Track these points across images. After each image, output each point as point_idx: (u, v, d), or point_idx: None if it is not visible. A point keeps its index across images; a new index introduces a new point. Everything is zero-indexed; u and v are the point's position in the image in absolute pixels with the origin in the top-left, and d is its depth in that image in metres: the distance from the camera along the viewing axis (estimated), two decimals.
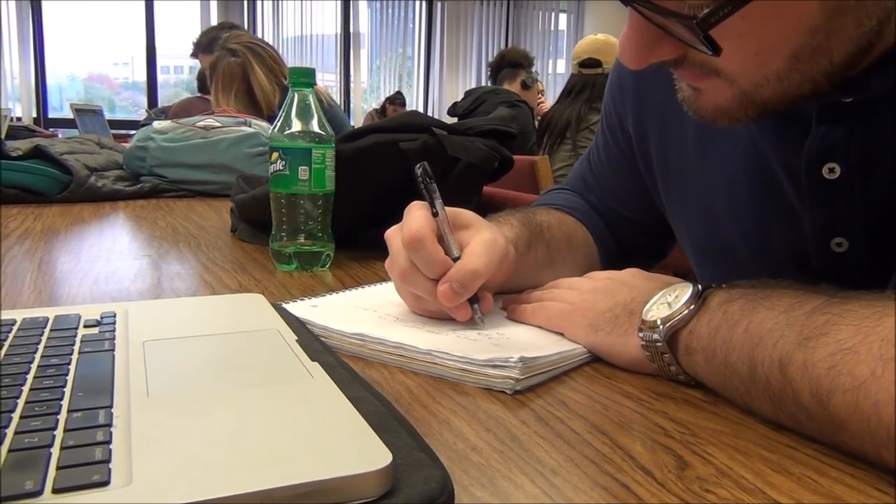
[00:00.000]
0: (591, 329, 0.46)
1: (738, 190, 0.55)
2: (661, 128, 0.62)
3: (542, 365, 0.43)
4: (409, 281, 0.51)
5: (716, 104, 0.43)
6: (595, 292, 0.49)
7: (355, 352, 0.46)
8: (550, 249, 0.62)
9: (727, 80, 0.41)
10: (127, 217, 1.10)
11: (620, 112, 0.68)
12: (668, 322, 0.41)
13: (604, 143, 0.72)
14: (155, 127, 1.44)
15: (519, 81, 2.96)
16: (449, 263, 0.49)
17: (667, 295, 0.43)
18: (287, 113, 0.70)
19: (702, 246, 0.61)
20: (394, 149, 0.78)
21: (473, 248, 0.50)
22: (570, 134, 2.42)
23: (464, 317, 0.50)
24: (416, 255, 0.49)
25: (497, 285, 0.54)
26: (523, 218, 0.62)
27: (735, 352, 0.38)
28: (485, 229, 0.52)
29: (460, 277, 0.48)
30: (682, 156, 0.60)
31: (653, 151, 0.64)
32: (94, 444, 0.28)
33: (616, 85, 0.68)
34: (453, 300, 0.49)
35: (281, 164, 0.69)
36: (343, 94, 6.43)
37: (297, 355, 0.40)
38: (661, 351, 0.42)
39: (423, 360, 0.44)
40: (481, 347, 0.45)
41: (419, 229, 0.49)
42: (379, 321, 0.51)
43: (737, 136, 0.54)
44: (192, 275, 0.70)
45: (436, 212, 0.51)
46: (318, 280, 0.68)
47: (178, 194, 1.39)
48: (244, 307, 0.53)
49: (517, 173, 1.79)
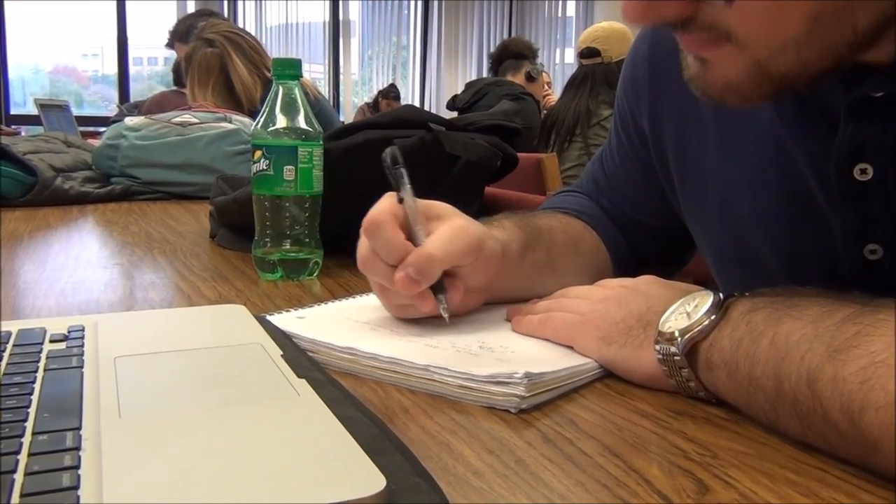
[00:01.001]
0: (603, 342, 0.47)
1: (761, 192, 0.55)
2: (679, 125, 0.62)
3: (549, 381, 0.43)
4: (369, 269, 0.52)
5: (725, 78, 0.41)
6: (607, 302, 0.49)
7: (346, 367, 0.46)
8: (552, 254, 0.62)
9: (739, 45, 0.39)
10: (96, 222, 1.11)
11: (634, 109, 0.68)
12: (686, 334, 0.41)
13: (617, 142, 0.72)
14: (127, 123, 1.44)
15: (523, 73, 2.97)
16: (409, 249, 0.50)
17: (685, 304, 0.43)
18: (271, 108, 0.70)
19: (723, 252, 0.62)
20: (387, 146, 0.78)
21: (436, 234, 0.51)
22: (580, 131, 2.43)
23: (427, 308, 0.51)
24: (374, 240, 0.50)
25: (479, 284, 0.54)
26: (520, 220, 0.62)
27: (759, 366, 0.38)
28: (457, 217, 0.53)
29: (415, 262, 0.49)
30: (700, 155, 0.60)
31: (669, 151, 0.64)
32: (61, 469, 0.29)
33: (629, 80, 0.69)
34: (410, 287, 0.49)
35: (264, 163, 0.69)
36: (332, 87, 6.45)
37: (282, 371, 0.40)
38: (679, 365, 0.42)
39: (419, 376, 0.44)
40: (483, 362, 0.45)
41: (378, 214, 0.50)
42: (372, 334, 0.51)
43: (760, 134, 0.54)
44: (167, 284, 0.70)
45: (401, 197, 0.52)
46: (304, 290, 0.68)
47: (152, 197, 1.39)
48: (224, 320, 0.53)
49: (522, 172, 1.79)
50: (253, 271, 0.73)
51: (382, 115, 0.86)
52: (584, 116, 2.44)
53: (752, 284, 0.45)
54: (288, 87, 0.71)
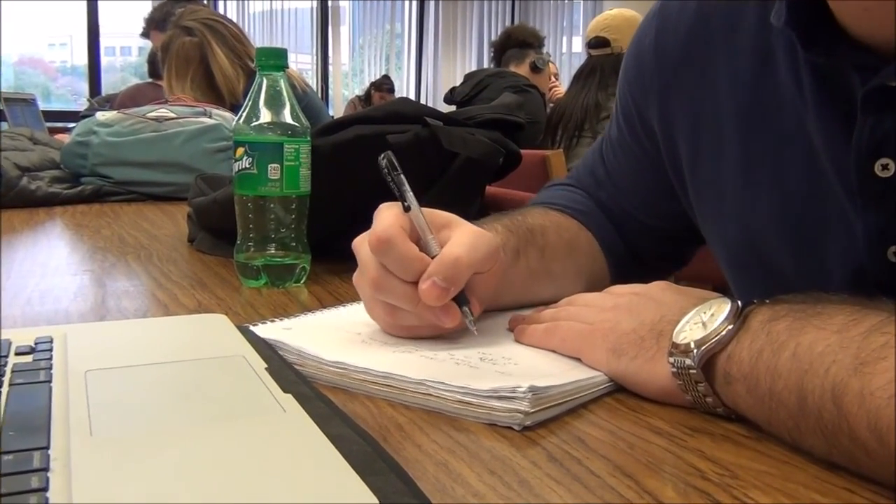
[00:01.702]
0: (613, 353, 0.47)
1: (784, 191, 0.56)
2: (692, 119, 0.63)
3: (555, 395, 0.43)
4: (383, 289, 0.51)
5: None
6: (617, 310, 0.49)
7: (336, 382, 0.47)
8: (545, 257, 0.63)
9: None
10: (65, 225, 1.11)
11: (640, 102, 0.68)
12: (703, 345, 0.42)
13: (618, 134, 0.73)
14: (98, 119, 1.45)
15: (528, 63, 2.98)
16: (427, 261, 0.50)
17: (701, 313, 0.43)
18: (254, 101, 0.71)
19: (740, 256, 0.62)
20: (380, 143, 0.78)
21: (455, 238, 0.51)
22: (589, 126, 2.44)
23: (453, 322, 0.50)
24: (387, 258, 0.50)
25: (486, 294, 0.54)
26: (510, 222, 0.63)
27: (781, 380, 0.38)
28: (468, 224, 0.53)
29: (443, 269, 0.49)
30: (717, 151, 0.61)
31: (681, 146, 0.64)
32: (28, 491, 0.29)
33: (634, 72, 0.69)
34: (439, 297, 0.49)
35: (247, 161, 0.69)
36: (320, 78, 6.46)
37: (266, 386, 0.40)
38: (695, 379, 0.42)
39: (415, 391, 0.44)
40: (484, 375, 0.45)
41: (387, 229, 0.50)
42: (363, 346, 0.51)
43: (786, 128, 0.54)
44: (142, 292, 0.70)
45: (407, 206, 0.52)
46: (291, 298, 0.69)
47: (125, 198, 1.39)
48: (204, 330, 0.53)
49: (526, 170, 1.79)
50: (235, 278, 0.73)
51: (375, 109, 0.86)
52: (592, 110, 2.44)
53: (770, 289, 0.45)
54: (273, 78, 0.71)
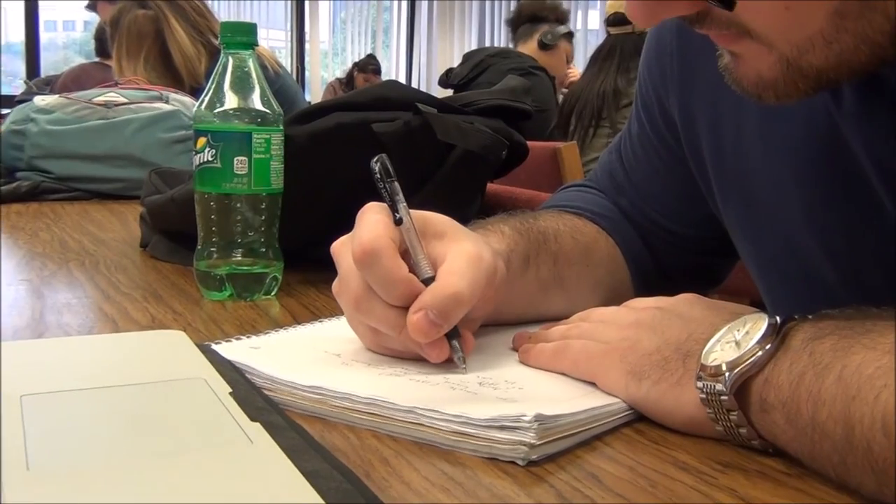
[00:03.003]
0: (633, 377, 0.47)
1: (814, 190, 0.56)
2: (714, 111, 0.63)
3: (565, 425, 0.43)
4: (364, 310, 0.51)
5: (758, 73, 0.45)
6: (638, 327, 0.50)
7: (312, 409, 0.47)
8: (559, 266, 0.63)
9: (763, 42, 0.44)
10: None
11: (660, 90, 0.69)
12: (736, 367, 0.42)
13: (638, 129, 0.73)
14: (37, 104, 1.45)
15: (535, 40, 2.98)
16: (415, 284, 0.50)
17: (734, 330, 0.44)
18: (218, 84, 0.71)
19: (773, 265, 0.62)
20: (364, 133, 0.79)
21: (453, 264, 0.51)
22: (607, 114, 2.45)
23: (439, 356, 0.51)
24: (370, 274, 0.50)
25: (481, 316, 0.55)
26: (520, 224, 0.63)
27: (825, 407, 0.38)
28: (465, 240, 0.53)
29: (439, 304, 0.49)
30: (740, 147, 0.61)
31: (704, 141, 0.65)
32: None
33: (653, 55, 0.69)
34: (430, 334, 0.49)
35: (210, 153, 0.69)
36: (295, 58, 6.47)
37: (231, 414, 0.40)
38: (726, 407, 0.42)
39: (404, 419, 0.44)
40: (484, 402, 0.46)
41: (374, 239, 0.50)
42: (344, 368, 0.51)
43: (813, 120, 0.55)
44: (86, 306, 0.70)
45: (399, 218, 0.52)
46: (260, 312, 0.69)
47: (67, 196, 1.39)
48: (159, 349, 0.53)
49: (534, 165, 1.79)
50: (195, 289, 0.74)
51: (359, 94, 0.86)
52: (611, 97, 2.45)
53: (808, 303, 0.45)
54: (240, 58, 0.72)
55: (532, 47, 2.99)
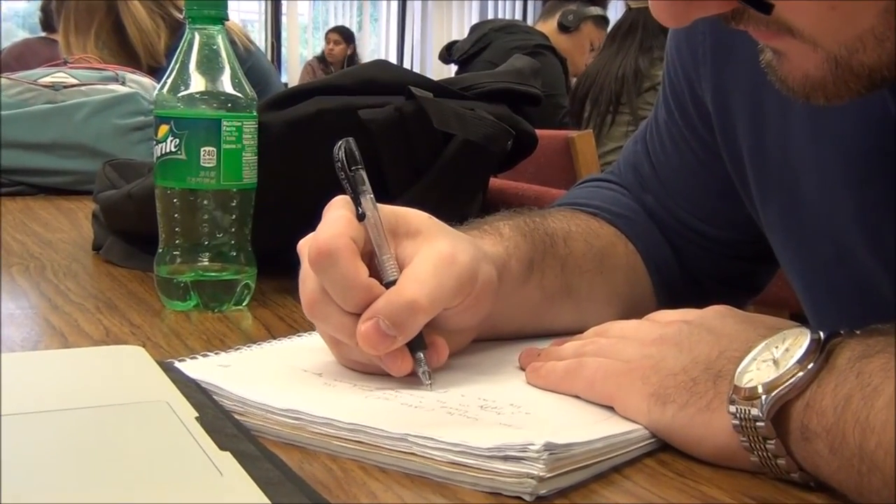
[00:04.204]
0: (657, 400, 0.47)
1: (870, 193, 0.56)
2: (754, 97, 0.63)
3: (578, 456, 0.43)
4: (318, 314, 0.52)
5: (805, 72, 0.46)
6: (662, 344, 0.50)
7: (289, 437, 0.47)
8: (567, 273, 0.63)
9: (807, 41, 0.44)
10: None
11: (691, 73, 0.69)
12: (774, 389, 0.42)
13: (666, 117, 0.73)
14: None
15: (556, 19, 2.98)
16: (375, 289, 0.51)
17: (772, 347, 0.44)
18: (182, 64, 0.71)
19: (819, 275, 0.63)
20: (349, 120, 0.79)
21: (416, 267, 0.52)
22: (627, 99, 2.45)
23: (400, 371, 0.51)
24: (325, 278, 0.51)
25: (468, 328, 0.55)
26: (525, 224, 0.63)
27: (875, 435, 0.38)
28: (441, 239, 0.53)
29: (391, 312, 0.50)
30: (785, 138, 0.61)
31: (741, 132, 0.65)
32: None
33: (683, 31, 0.69)
34: (381, 345, 0.50)
35: (173, 143, 0.69)
36: (270, 32, 6.47)
37: (197, 441, 0.40)
38: (763, 435, 0.42)
39: (393, 448, 0.44)
40: (485, 428, 0.46)
41: (330, 239, 0.50)
42: (325, 389, 0.51)
43: (868, 114, 0.55)
44: (31, 317, 0.70)
45: (361, 213, 0.52)
46: (230, 325, 0.69)
47: (9, 191, 1.39)
48: (115, 367, 0.53)
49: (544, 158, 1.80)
50: (155, 299, 0.74)
51: (343, 75, 0.86)
52: (631, 79, 2.46)
53: (858, 318, 0.45)
54: (207, 34, 0.72)
55: (552, 27, 2.99)
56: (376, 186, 0.54)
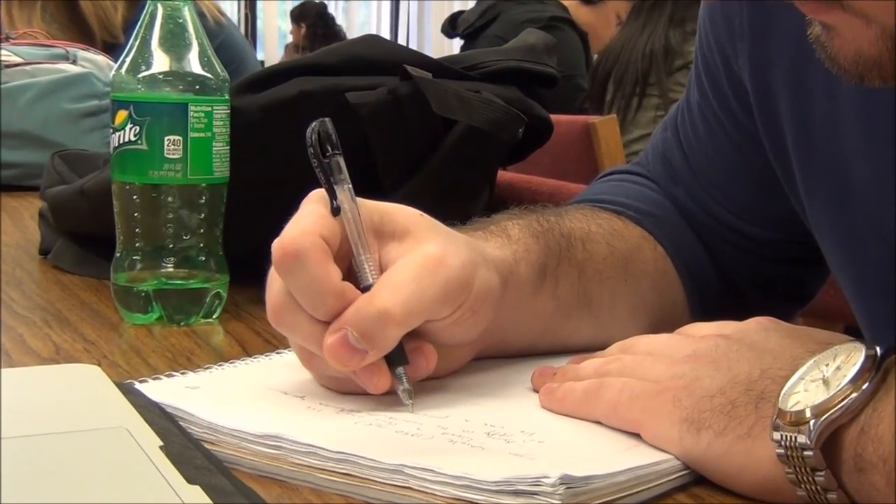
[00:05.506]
0: (690, 426, 0.47)
1: None
2: (798, 75, 0.63)
3: (601, 490, 0.43)
4: (284, 323, 0.53)
5: (857, 49, 0.45)
6: (696, 361, 0.50)
7: (267, 468, 0.47)
8: (586, 280, 0.63)
9: (859, 15, 0.44)
10: None
11: (727, 47, 0.69)
12: (823, 414, 0.42)
13: (700, 98, 0.73)
14: None
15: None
16: (349, 295, 0.51)
17: (822, 365, 0.44)
18: (143, 40, 0.71)
19: (874, 280, 0.63)
20: (335, 104, 0.79)
21: (394, 271, 0.52)
22: (656, 79, 2.45)
23: (377, 388, 0.51)
24: (291, 282, 0.51)
25: (465, 342, 0.55)
26: (538, 224, 0.63)
27: None
28: (431, 240, 0.53)
29: (358, 322, 0.50)
30: (833, 124, 0.61)
31: (784, 116, 0.65)
32: None
33: (718, 3, 0.70)
34: (349, 361, 0.50)
35: (132, 131, 0.69)
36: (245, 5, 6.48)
37: (162, 474, 0.40)
38: (811, 465, 0.42)
39: (386, 481, 0.44)
40: (493, 459, 0.46)
41: (297, 238, 0.51)
42: (308, 413, 0.52)
43: None
44: None
45: (337, 206, 0.52)
46: (198, 340, 0.69)
47: None
48: (66, 389, 0.53)
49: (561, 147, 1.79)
50: (112, 310, 0.74)
51: (327, 52, 0.86)
52: (661, 57, 2.46)
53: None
54: (172, 5, 0.72)
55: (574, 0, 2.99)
56: (367, 181, 0.54)
